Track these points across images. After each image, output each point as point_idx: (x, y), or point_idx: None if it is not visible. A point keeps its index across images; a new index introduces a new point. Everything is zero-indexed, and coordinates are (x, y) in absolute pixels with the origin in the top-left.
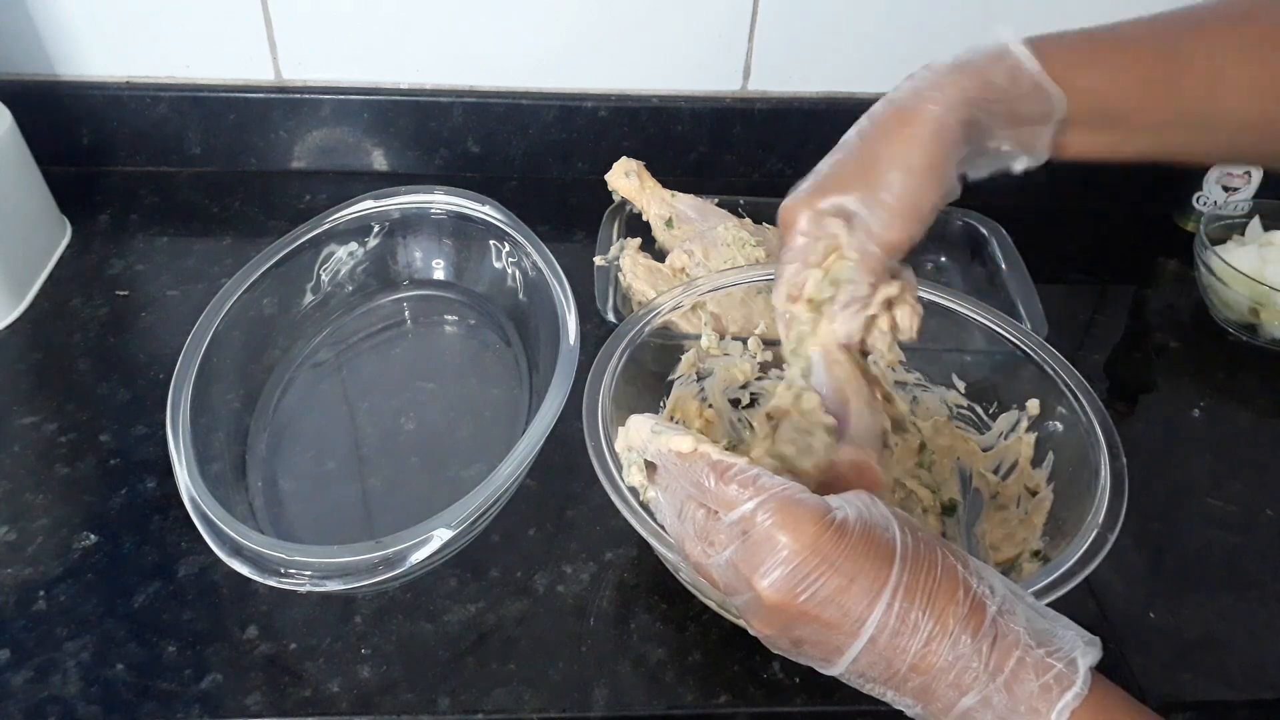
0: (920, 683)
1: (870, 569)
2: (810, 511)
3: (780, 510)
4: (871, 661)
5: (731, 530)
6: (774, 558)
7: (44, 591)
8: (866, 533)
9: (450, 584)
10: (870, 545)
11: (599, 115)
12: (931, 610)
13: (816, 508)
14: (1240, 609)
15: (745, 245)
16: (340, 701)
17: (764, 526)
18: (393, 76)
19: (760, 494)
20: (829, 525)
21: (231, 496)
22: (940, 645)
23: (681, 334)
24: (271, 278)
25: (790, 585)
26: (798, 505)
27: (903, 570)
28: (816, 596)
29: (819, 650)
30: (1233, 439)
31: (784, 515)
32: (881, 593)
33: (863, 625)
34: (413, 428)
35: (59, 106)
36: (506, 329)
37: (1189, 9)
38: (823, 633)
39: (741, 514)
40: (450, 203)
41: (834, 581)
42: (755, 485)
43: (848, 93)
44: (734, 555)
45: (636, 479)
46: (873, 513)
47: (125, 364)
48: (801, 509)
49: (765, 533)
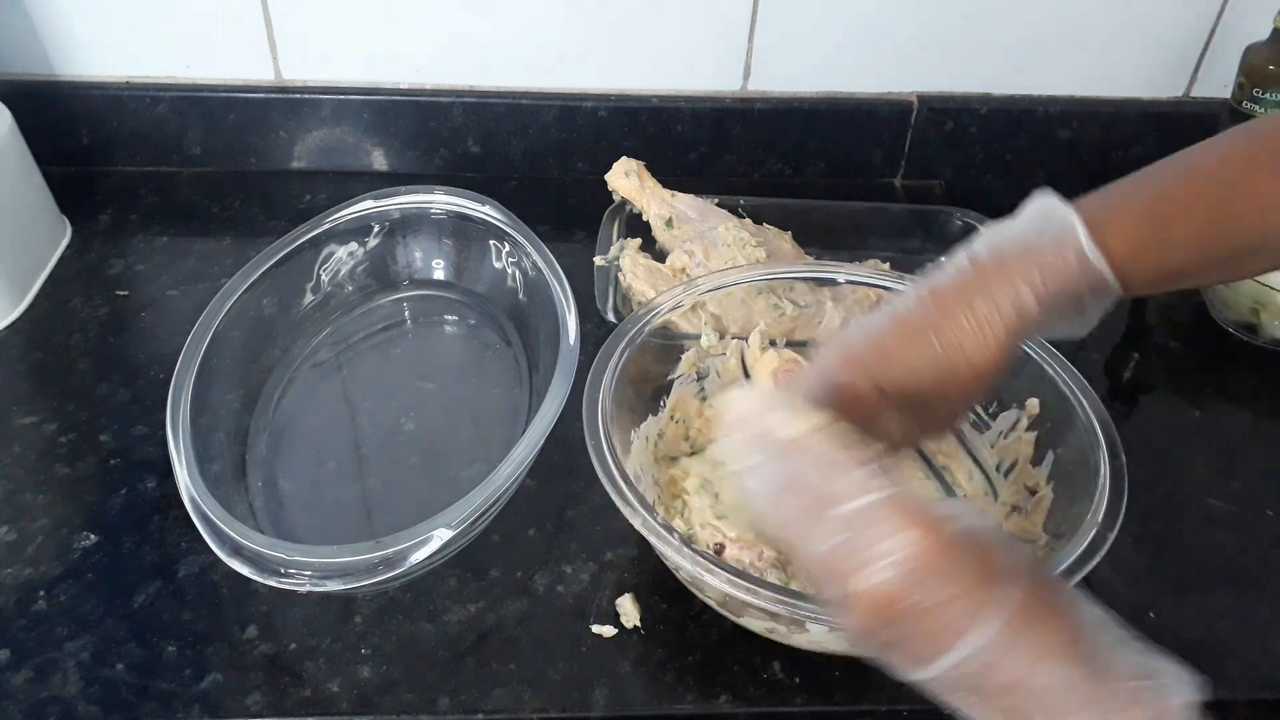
0: (1012, 702)
1: (981, 582)
2: (928, 516)
3: (897, 512)
4: (965, 674)
5: (836, 523)
6: (885, 558)
7: (44, 591)
8: (980, 545)
9: (450, 584)
10: (983, 558)
11: (599, 115)
12: (1036, 630)
13: (935, 512)
14: (1240, 609)
15: (746, 245)
16: (340, 701)
17: (877, 525)
18: (393, 76)
19: (874, 492)
20: (947, 532)
21: (231, 496)
22: (1041, 668)
23: (681, 334)
24: (271, 278)
25: (898, 588)
26: (916, 507)
27: (1012, 587)
28: (923, 604)
29: (910, 655)
30: (1233, 439)
31: (902, 517)
32: (988, 606)
33: (963, 638)
34: (413, 428)
35: (59, 106)
36: (506, 329)
37: (1231, 142)
38: (920, 639)
39: (854, 509)
40: (450, 203)
41: (944, 590)
42: (868, 482)
43: (848, 93)
44: (837, 548)
45: (745, 459)
46: (985, 525)
47: (125, 364)
48: (919, 512)
49: (878, 532)
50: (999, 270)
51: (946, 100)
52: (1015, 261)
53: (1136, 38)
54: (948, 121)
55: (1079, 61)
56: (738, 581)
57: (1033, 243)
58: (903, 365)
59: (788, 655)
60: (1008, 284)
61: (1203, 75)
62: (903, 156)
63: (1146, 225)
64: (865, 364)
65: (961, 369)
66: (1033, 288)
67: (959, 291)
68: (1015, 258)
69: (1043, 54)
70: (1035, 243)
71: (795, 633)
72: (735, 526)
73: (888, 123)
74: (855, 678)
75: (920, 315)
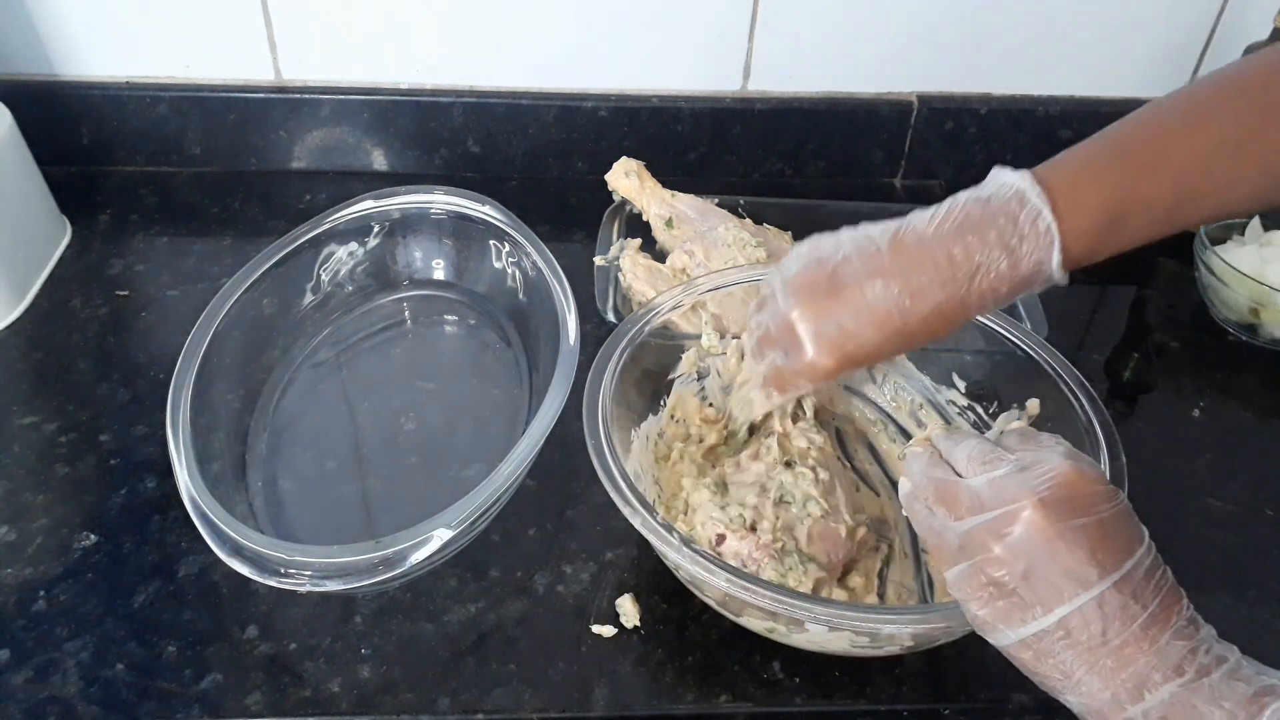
0: (1115, 663)
1: (1121, 545)
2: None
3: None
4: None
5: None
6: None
7: (44, 591)
8: (1126, 512)
9: (450, 584)
10: (1127, 522)
11: (599, 115)
12: (1154, 601)
13: (1090, 474)
14: (1240, 609)
15: (746, 246)
16: (340, 701)
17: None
18: (393, 76)
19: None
20: (1108, 489)
21: (231, 496)
22: (1154, 635)
23: (681, 334)
24: (271, 278)
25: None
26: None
27: (1147, 553)
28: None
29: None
30: (1233, 439)
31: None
32: (1124, 564)
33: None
34: (413, 428)
35: (59, 106)
36: (506, 329)
37: (1176, 103)
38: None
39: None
40: (450, 203)
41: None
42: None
43: (848, 93)
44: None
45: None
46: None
47: (125, 364)
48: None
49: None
50: (958, 235)
51: (946, 100)
52: (980, 227)
53: (1136, 38)
54: (948, 121)
55: (1079, 61)
56: (737, 581)
57: (994, 213)
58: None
59: (788, 655)
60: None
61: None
62: (903, 156)
63: (1104, 221)
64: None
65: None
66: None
67: (922, 242)
68: (978, 223)
69: (1043, 54)
70: (996, 213)
71: (795, 632)
72: (729, 514)
73: (888, 123)
74: (855, 678)
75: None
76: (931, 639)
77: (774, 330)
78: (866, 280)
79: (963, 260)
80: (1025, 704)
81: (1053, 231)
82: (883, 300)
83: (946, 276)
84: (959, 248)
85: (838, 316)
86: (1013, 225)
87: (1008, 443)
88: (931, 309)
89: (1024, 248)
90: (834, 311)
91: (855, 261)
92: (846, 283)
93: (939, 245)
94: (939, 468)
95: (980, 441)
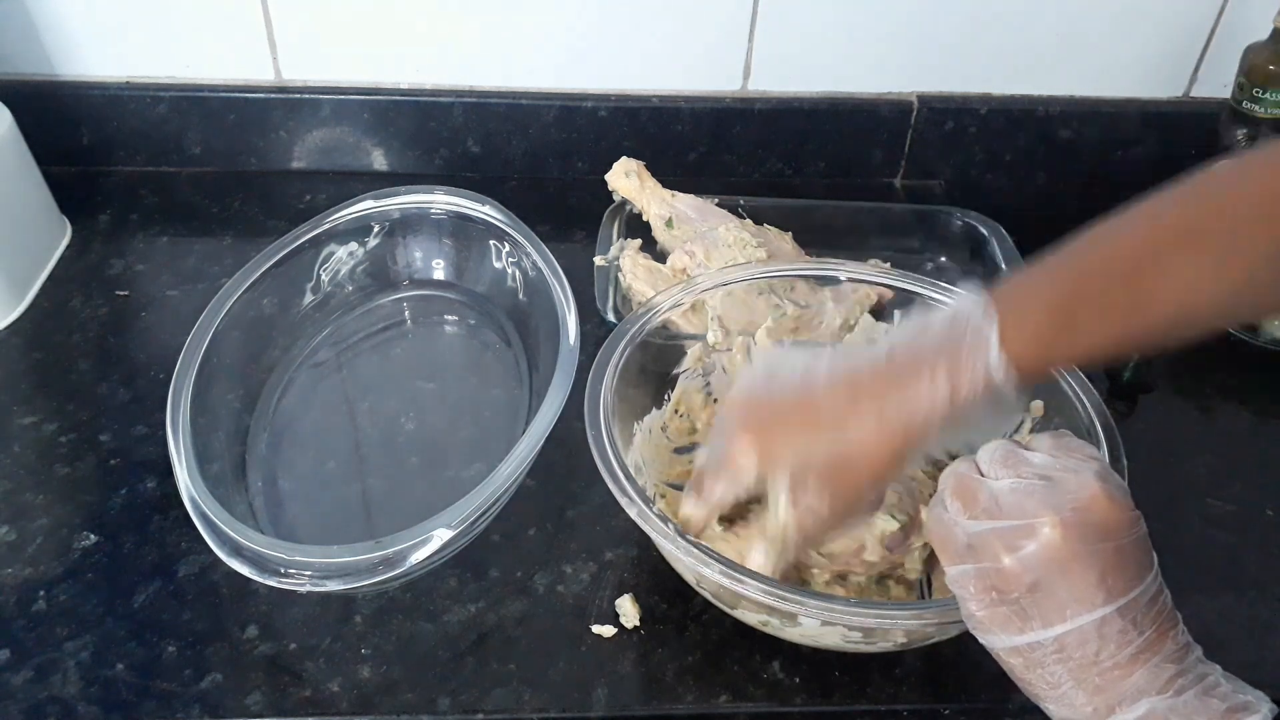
0: (1103, 682)
1: (1132, 573)
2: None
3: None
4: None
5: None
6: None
7: (44, 591)
8: (1143, 538)
9: (450, 584)
10: (1142, 548)
11: (599, 115)
12: (1151, 628)
13: (1119, 500)
14: (1240, 609)
15: (746, 246)
16: (340, 701)
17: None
18: (393, 76)
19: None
20: (1132, 515)
21: (231, 496)
22: (1145, 659)
23: (681, 333)
24: (271, 278)
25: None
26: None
27: (1154, 580)
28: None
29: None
30: (1233, 439)
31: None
32: (1141, 581)
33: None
34: (413, 428)
35: (59, 106)
36: (506, 329)
37: (1134, 227)
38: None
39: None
40: (450, 203)
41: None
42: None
43: (848, 93)
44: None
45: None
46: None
47: (125, 364)
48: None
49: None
50: (913, 369)
51: (946, 100)
52: (929, 360)
53: (1136, 38)
54: (948, 121)
55: (1078, 61)
56: (730, 573)
57: (947, 345)
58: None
59: (787, 655)
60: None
61: (1203, 75)
62: (903, 156)
63: (1057, 328)
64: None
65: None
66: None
67: (874, 379)
68: (930, 356)
69: (1043, 54)
70: (949, 345)
71: (788, 625)
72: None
73: (888, 123)
74: (855, 677)
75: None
76: (925, 636)
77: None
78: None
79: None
80: (1025, 704)
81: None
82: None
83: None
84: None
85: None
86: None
87: (1040, 445)
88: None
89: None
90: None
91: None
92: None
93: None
94: (963, 462)
95: (1005, 443)
